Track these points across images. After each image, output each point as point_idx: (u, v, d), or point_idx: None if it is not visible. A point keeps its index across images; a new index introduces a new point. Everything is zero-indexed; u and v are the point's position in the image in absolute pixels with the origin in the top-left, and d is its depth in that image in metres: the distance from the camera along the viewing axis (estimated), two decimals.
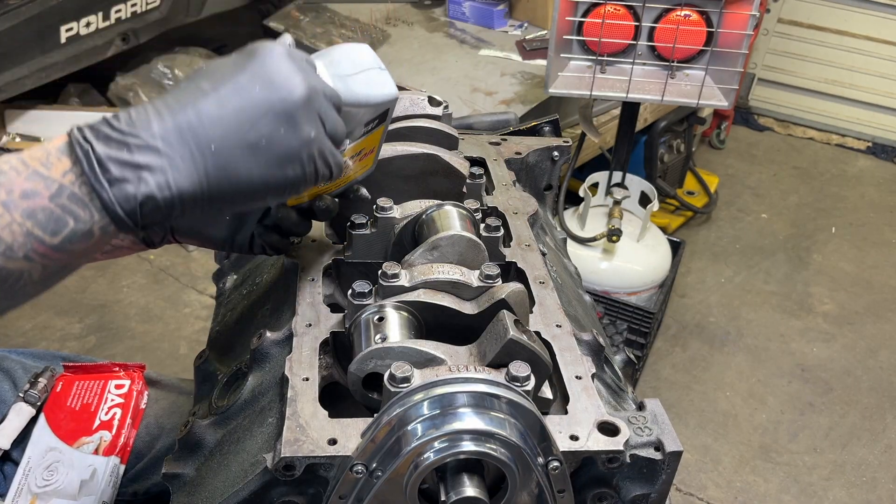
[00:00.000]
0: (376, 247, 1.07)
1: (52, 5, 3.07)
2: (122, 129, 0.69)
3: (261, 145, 0.73)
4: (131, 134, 0.69)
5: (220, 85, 0.72)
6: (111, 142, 0.69)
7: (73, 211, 0.69)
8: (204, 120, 0.70)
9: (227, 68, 0.74)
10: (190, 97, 0.71)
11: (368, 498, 0.80)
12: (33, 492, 1.21)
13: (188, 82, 0.74)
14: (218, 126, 0.71)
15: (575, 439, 0.85)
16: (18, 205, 0.67)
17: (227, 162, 0.72)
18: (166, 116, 0.70)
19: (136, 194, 0.69)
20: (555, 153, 1.45)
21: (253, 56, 0.74)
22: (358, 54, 0.93)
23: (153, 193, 0.70)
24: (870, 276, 3.67)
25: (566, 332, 1.00)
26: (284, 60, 0.75)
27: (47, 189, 0.68)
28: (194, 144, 0.70)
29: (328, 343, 0.96)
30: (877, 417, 2.92)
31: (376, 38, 3.55)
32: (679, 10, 2.29)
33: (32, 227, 0.68)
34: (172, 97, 0.72)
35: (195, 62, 3.95)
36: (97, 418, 1.32)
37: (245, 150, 0.72)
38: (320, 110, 0.77)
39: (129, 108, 0.72)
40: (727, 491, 2.60)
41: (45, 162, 0.68)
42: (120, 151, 0.68)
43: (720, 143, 4.61)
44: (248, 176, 0.74)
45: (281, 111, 0.73)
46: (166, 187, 0.70)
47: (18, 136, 3.50)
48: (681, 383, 3.01)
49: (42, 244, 0.69)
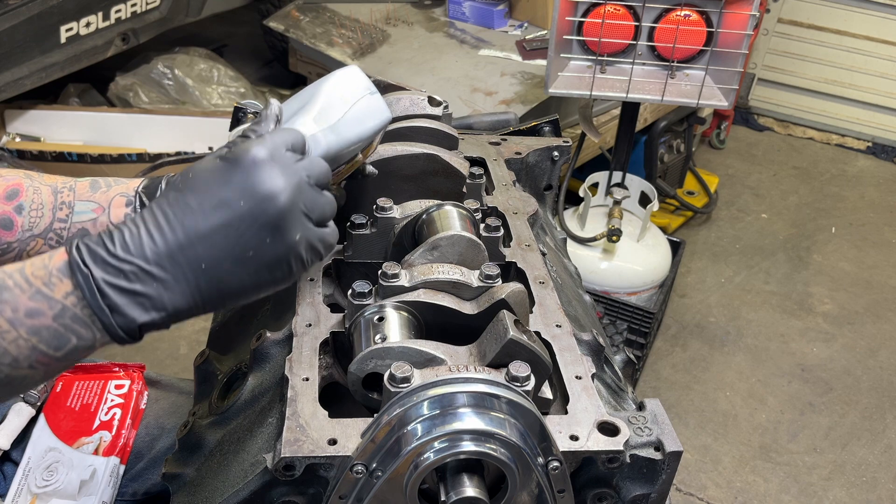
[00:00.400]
0: (376, 247, 1.07)
1: (52, 5, 3.07)
2: (118, 255, 0.73)
3: (248, 256, 0.76)
4: (126, 260, 0.73)
5: (205, 201, 0.75)
6: (109, 267, 0.73)
7: (76, 330, 0.74)
8: (193, 240, 0.74)
9: (212, 182, 0.76)
10: (178, 215, 0.74)
11: (368, 498, 0.80)
12: (33, 492, 1.21)
13: (177, 194, 0.76)
14: (207, 244, 0.74)
15: (575, 439, 0.85)
16: (24, 322, 0.72)
17: (218, 276, 0.76)
18: (158, 240, 0.74)
19: (134, 318, 0.74)
20: (555, 153, 1.45)
21: (236, 166, 0.76)
22: (347, 85, 0.95)
23: (150, 316, 0.75)
24: (870, 276, 3.67)
25: (566, 332, 1.00)
26: (267, 169, 0.76)
27: (51, 309, 0.73)
28: (186, 265, 0.74)
29: (328, 343, 0.96)
30: (877, 417, 2.92)
31: (376, 38, 3.55)
32: (679, 10, 2.29)
33: (37, 342, 0.73)
34: (162, 214, 0.75)
35: (195, 62, 3.95)
36: (97, 418, 1.32)
37: (234, 263, 0.76)
38: (306, 207, 0.79)
39: (123, 227, 0.75)
40: (727, 491, 2.60)
41: (48, 282, 0.73)
42: (118, 279, 0.73)
43: (720, 143, 4.61)
44: (239, 285, 0.78)
45: (266, 223, 0.75)
46: (162, 308, 0.75)
47: (18, 136, 3.50)
48: (681, 383, 3.01)
49: (46, 356, 0.74)
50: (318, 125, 0.91)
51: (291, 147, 0.81)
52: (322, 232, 0.82)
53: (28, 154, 3.36)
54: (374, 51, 3.48)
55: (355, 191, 1.12)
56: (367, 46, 3.50)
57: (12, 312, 0.72)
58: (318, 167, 0.82)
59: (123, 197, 1.09)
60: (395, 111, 1.19)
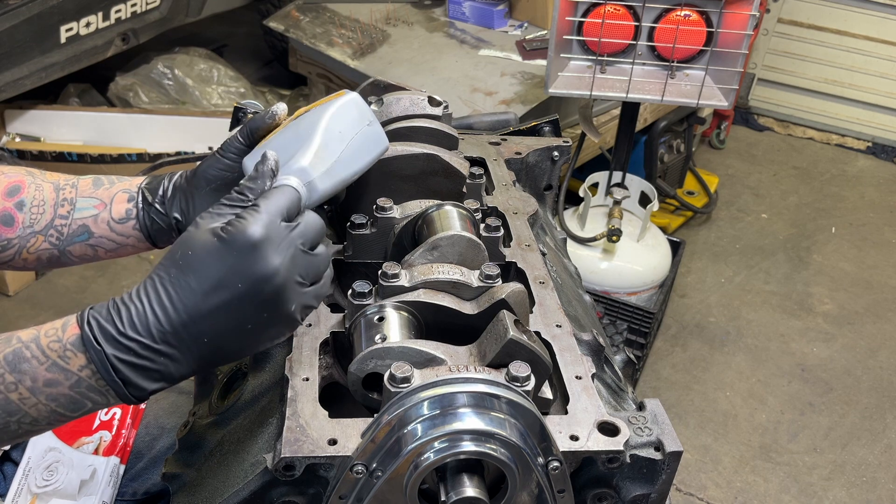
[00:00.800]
0: (376, 247, 1.07)
1: (52, 5, 3.07)
2: (127, 334, 0.78)
3: (248, 329, 0.81)
4: (135, 339, 0.78)
5: (205, 282, 0.78)
6: (119, 345, 0.79)
7: (91, 397, 0.81)
8: (196, 319, 0.79)
9: (210, 264, 0.78)
10: (180, 295, 0.79)
11: (368, 498, 0.80)
12: (33, 492, 1.21)
13: (178, 273, 0.79)
14: (208, 322, 0.79)
15: (575, 439, 0.85)
16: (42, 391, 0.79)
17: (219, 347, 0.81)
18: (163, 320, 0.78)
19: (145, 389, 0.81)
20: (555, 153, 1.45)
21: (233, 249, 0.78)
22: (345, 118, 0.94)
23: (161, 385, 0.83)
24: (870, 276, 3.67)
25: (566, 332, 1.00)
26: (262, 250, 0.78)
27: (67, 380, 0.79)
28: (190, 341, 0.80)
29: (328, 343, 0.96)
30: (877, 417, 2.92)
31: (376, 38, 3.55)
32: (679, 10, 2.29)
33: (56, 407, 0.80)
34: (165, 293, 0.79)
35: (195, 62, 3.95)
36: (97, 418, 1.32)
37: (234, 335, 0.81)
38: (301, 276, 0.82)
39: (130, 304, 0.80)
40: (727, 491, 2.60)
41: (62, 355, 0.79)
42: (128, 355, 0.79)
43: (720, 143, 4.61)
44: (238, 350, 0.84)
45: (263, 301, 0.79)
46: (170, 379, 0.82)
47: (18, 136, 3.50)
48: (681, 383, 3.01)
49: (63, 417, 0.82)
50: (315, 169, 0.90)
51: (286, 215, 0.82)
52: (316, 290, 0.84)
53: (28, 154, 3.36)
54: (374, 51, 3.48)
55: (356, 191, 1.12)
56: (367, 46, 3.50)
57: (32, 382, 0.79)
58: (312, 229, 0.84)
59: (126, 193, 1.09)
60: (395, 111, 1.19)
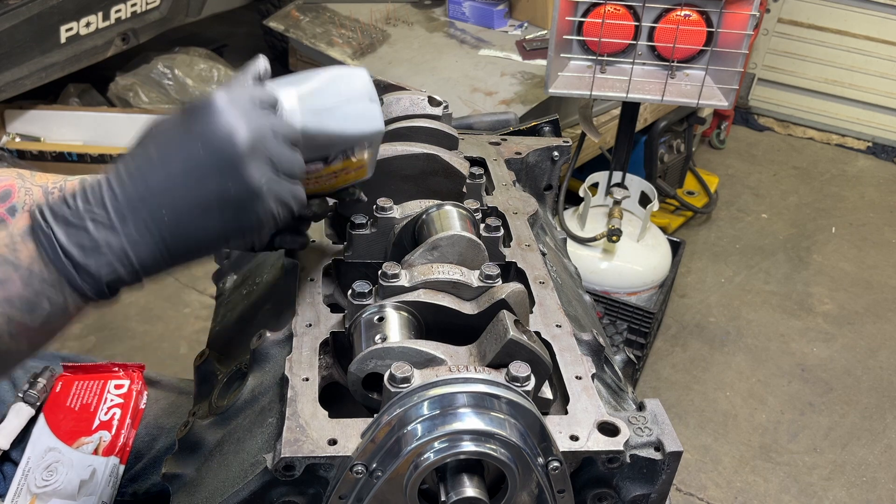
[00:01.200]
0: (376, 247, 1.06)
1: (52, 5, 3.07)
2: (79, 210, 0.71)
3: (211, 203, 0.74)
4: (87, 214, 0.71)
5: (165, 150, 0.73)
6: (70, 226, 0.71)
7: (47, 293, 0.72)
8: (154, 189, 0.72)
9: (172, 131, 0.74)
10: (139, 167, 0.73)
11: (368, 498, 0.80)
12: (33, 492, 1.21)
13: (139, 148, 0.75)
14: (167, 194, 0.72)
15: (575, 439, 0.85)
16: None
17: (182, 225, 0.74)
18: (118, 191, 0.72)
19: (100, 276, 0.72)
20: (555, 153, 1.45)
21: (195, 114, 0.74)
22: (348, 83, 0.89)
23: (117, 272, 0.73)
24: (870, 276, 3.67)
25: (566, 332, 1.00)
26: (225, 113, 0.73)
27: (19, 276, 0.71)
28: (147, 215, 0.72)
29: (328, 343, 0.96)
30: (877, 417, 2.92)
31: (376, 38, 3.55)
32: (679, 10, 2.29)
33: (11, 312, 0.71)
34: (124, 167, 0.74)
35: (195, 62, 3.95)
36: (97, 418, 1.32)
37: (197, 211, 0.74)
38: (270, 153, 0.76)
39: (86, 181, 0.74)
40: (727, 491, 2.60)
41: (12, 248, 0.71)
42: (79, 235, 0.71)
43: (720, 143, 4.61)
44: (205, 234, 0.76)
45: (226, 167, 0.73)
46: (128, 263, 0.73)
47: (18, 136, 3.50)
48: (681, 383, 3.01)
49: (23, 326, 0.73)
50: (304, 102, 0.85)
51: (259, 103, 0.77)
52: (291, 186, 0.79)
53: (28, 154, 3.36)
54: (374, 51, 3.48)
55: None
56: (367, 46, 3.50)
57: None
58: (286, 126, 0.79)
59: None
60: (395, 111, 1.19)
